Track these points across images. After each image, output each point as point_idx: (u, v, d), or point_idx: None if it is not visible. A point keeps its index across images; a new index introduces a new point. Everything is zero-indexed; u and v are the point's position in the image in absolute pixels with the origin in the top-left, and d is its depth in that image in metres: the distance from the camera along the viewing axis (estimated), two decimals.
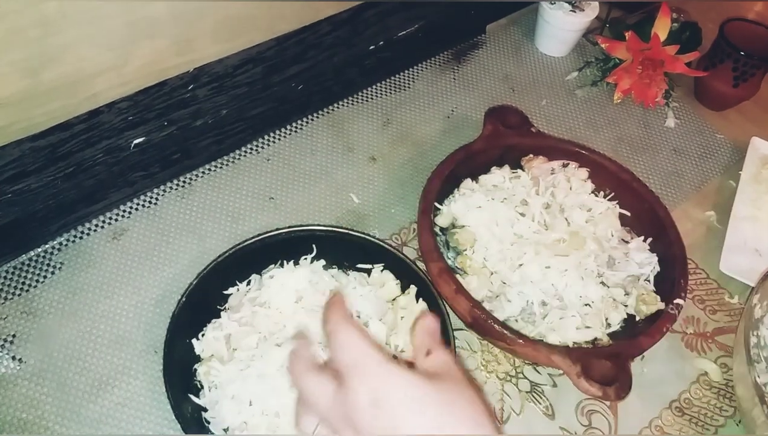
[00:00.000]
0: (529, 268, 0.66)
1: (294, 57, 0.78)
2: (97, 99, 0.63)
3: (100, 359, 0.62)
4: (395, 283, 0.66)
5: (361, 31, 0.84)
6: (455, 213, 0.70)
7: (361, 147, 0.83)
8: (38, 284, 0.66)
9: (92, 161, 0.68)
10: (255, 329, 0.60)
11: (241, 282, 0.64)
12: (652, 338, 0.61)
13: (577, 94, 0.95)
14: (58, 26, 0.55)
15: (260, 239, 0.64)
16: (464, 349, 0.67)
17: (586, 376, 0.56)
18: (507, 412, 0.63)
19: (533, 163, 0.76)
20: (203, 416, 0.56)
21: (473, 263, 0.68)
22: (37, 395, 0.59)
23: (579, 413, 0.64)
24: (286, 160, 0.81)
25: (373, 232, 0.74)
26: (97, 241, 0.70)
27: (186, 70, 0.68)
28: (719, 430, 0.65)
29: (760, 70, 0.88)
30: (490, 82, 0.94)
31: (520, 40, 1.01)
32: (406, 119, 0.87)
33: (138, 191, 0.74)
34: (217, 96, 0.74)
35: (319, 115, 0.86)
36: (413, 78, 0.92)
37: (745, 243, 0.78)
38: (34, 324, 0.63)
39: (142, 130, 0.70)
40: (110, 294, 0.67)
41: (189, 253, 0.71)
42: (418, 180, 0.79)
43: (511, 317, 0.64)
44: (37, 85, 0.57)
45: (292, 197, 0.77)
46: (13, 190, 0.63)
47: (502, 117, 0.77)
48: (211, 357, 0.59)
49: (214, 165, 0.79)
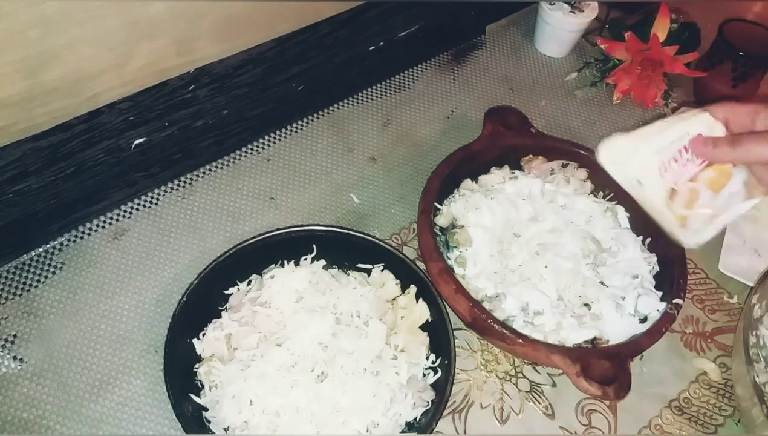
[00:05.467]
0: (528, 268, 0.66)
1: (294, 57, 0.78)
2: (97, 99, 0.63)
3: (101, 359, 0.62)
4: (395, 283, 0.66)
5: (362, 31, 0.84)
6: (455, 213, 0.71)
7: (361, 147, 0.84)
8: (39, 284, 0.66)
9: (93, 161, 0.68)
10: (255, 328, 0.60)
11: (242, 282, 0.65)
12: (651, 337, 0.61)
13: (576, 95, 0.95)
14: (58, 26, 0.55)
15: (261, 239, 0.64)
16: (464, 349, 0.67)
17: (586, 375, 0.56)
18: (507, 411, 0.63)
19: (533, 164, 0.76)
20: (204, 416, 0.57)
21: (473, 263, 0.68)
22: (38, 394, 0.60)
23: (579, 413, 0.64)
24: (287, 160, 0.81)
25: (373, 232, 0.75)
26: (98, 241, 0.70)
27: (187, 70, 0.68)
28: (718, 429, 0.65)
29: (759, 70, 0.88)
30: (490, 82, 0.94)
31: (519, 41, 1.01)
32: (406, 119, 0.88)
33: (139, 191, 0.74)
34: (218, 96, 0.74)
35: (319, 116, 0.86)
36: (413, 78, 0.93)
37: (744, 243, 0.78)
38: (34, 324, 0.64)
39: (142, 131, 0.70)
40: (111, 294, 0.67)
41: (190, 253, 0.71)
42: (418, 180, 0.79)
43: (510, 316, 0.64)
44: (37, 86, 0.57)
45: (292, 197, 0.77)
46: (14, 190, 0.63)
47: (502, 117, 0.77)
48: (212, 357, 0.59)
49: (214, 165, 0.79)
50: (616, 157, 0.51)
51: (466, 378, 0.65)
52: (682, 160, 0.51)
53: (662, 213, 0.53)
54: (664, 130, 0.51)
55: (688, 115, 0.52)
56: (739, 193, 0.53)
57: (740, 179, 0.53)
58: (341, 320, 0.61)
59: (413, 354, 0.61)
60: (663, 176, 0.51)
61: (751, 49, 0.86)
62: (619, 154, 0.51)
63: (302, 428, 0.55)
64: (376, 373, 0.59)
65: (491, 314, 0.61)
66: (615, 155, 0.51)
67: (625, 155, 0.51)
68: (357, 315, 0.62)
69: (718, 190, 0.53)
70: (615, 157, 0.51)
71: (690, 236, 0.54)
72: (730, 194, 0.53)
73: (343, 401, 0.57)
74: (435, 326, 0.63)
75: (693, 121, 0.51)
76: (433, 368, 0.61)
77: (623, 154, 0.51)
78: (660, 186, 0.52)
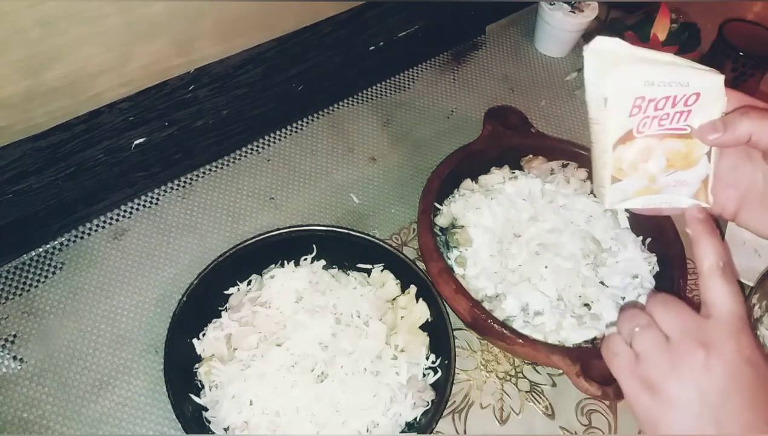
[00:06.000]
0: (528, 268, 0.66)
1: (294, 57, 0.78)
2: (97, 99, 0.63)
3: (101, 359, 0.62)
4: (395, 283, 0.66)
5: (362, 31, 0.84)
6: (455, 213, 0.71)
7: (361, 147, 0.84)
8: (39, 284, 0.66)
9: (93, 161, 0.68)
10: (255, 328, 0.60)
11: (242, 282, 0.65)
12: None
13: (576, 95, 0.95)
14: (58, 26, 0.55)
15: (261, 238, 0.64)
16: (464, 349, 0.67)
17: (586, 375, 0.56)
18: (507, 411, 0.63)
19: (533, 164, 0.76)
20: (204, 416, 0.57)
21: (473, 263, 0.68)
22: (38, 394, 0.60)
23: (579, 413, 0.64)
24: (287, 160, 0.81)
25: (373, 232, 0.75)
26: (98, 241, 0.70)
27: (186, 70, 0.68)
28: None
29: (759, 70, 0.88)
30: (490, 82, 0.94)
31: (519, 41, 1.01)
32: (406, 119, 0.88)
33: (139, 191, 0.74)
34: (218, 96, 0.74)
35: (319, 116, 0.86)
36: (413, 78, 0.93)
37: (744, 243, 0.78)
38: (35, 324, 0.64)
39: (142, 131, 0.70)
40: (111, 294, 0.67)
41: (189, 253, 0.71)
42: (418, 180, 0.79)
43: (510, 316, 0.64)
44: (37, 86, 0.57)
45: (292, 197, 0.77)
46: (14, 190, 0.63)
47: (502, 117, 0.77)
48: (212, 357, 0.59)
49: (214, 165, 0.79)
50: (602, 61, 0.42)
51: (466, 378, 0.65)
52: (662, 109, 0.42)
53: (604, 152, 0.44)
54: (667, 64, 0.42)
55: (701, 69, 0.42)
56: (690, 186, 0.45)
57: (702, 174, 0.44)
58: (341, 320, 0.61)
59: (413, 354, 0.61)
60: (631, 113, 0.42)
61: (751, 49, 0.86)
62: (607, 59, 0.42)
63: (302, 428, 0.55)
64: (376, 373, 0.59)
65: (491, 314, 0.61)
66: (602, 59, 0.42)
67: (612, 64, 0.41)
68: (357, 315, 0.62)
69: (672, 167, 0.44)
70: (601, 60, 0.42)
71: (611, 195, 0.45)
72: (680, 182, 0.45)
73: (343, 401, 0.57)
74: (435, 326, 0.63)
75: (701, 77, 0.42)
76: (433, 368, 0.61)
77: (611, 61, 0.41)
78: (622, 121, 0.43)
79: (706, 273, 0.40)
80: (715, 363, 0.38)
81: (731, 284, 0.40)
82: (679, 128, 0.43)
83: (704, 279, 0.40)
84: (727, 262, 0.41)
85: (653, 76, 0.41)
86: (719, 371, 0.38)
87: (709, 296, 0.40)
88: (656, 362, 0.40)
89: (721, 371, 0.38)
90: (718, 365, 0.38)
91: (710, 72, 0.42)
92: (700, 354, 0.38)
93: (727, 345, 0.38)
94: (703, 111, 0.42)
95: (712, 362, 0.38)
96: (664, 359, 0.39)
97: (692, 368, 0.38)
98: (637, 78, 0.41)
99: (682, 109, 0.42)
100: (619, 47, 0.41)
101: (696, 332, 0.39)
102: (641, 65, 0.41)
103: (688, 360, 0.39)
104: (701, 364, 0.38)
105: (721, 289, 0.40)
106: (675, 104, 0.42)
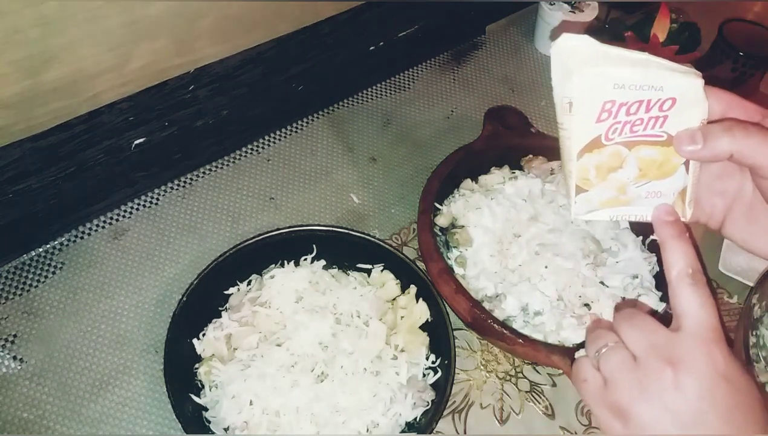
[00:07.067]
0: (528, 268, 0.66)
1: (294, 57, 0.78)
2: (97, 99, 0.63)
3: (101, 359, 0.62)
4: (395, 283, 0.66)
5: (362, 31, 0.84)
6: (455, 213, 0.71)
7: (361, 147, 0.84)
8: (39, 284, 0.66)
9: (93, 161, 0.68)
10: (255, 328, 0.60)
11: (242, 282, 0.65)
12: None
13: None
14: (58, 26, 0.55)
15: (261, 238, 0.64)
16: (464, 349, 0.67)
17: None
18: (507, 412, 0.63)
19: (533, 164, 0.76)
20: (204, 416, 0.57)
21: (473, 263, 0.68)
22: (38, 394, 0.60)
23: (579, 413, 0.64)
24: (287, 160, 0.81)
25: (373, 232, 0.75)
26: (98, 241, 0.70)
27: (186, 70, 0.68)
28: None
29: (759, 70, 0.88)
30: (490, 82, 0.94)
31: (519, 41, 1.01)
32: (406, 119, 0.88)
33: (139, 191, 0.74)
34: (218, 96, 0.74)
35: (319, 116, 0.86)
36: (413, 78, 0.93)
37: None
38: (34, 324, 0.64)
39: (142, 131, 0.70)
40: (111, 294, 0.67)
41: (190, 253, 0.71)
42: (418, 180, 0.79)
43: (510, 316, 0.64)
44: (37, 86, 0.57)
45: (292, 197, 0.77)
46: (14, 190, 0.63)
47: (502, 117, 0.77)
48: (212, 357, 0.59)
49: (214, 165, 0.79)
50: (568, 61, 0.37)
51: (466, 378, 0.65)
52: (635, 114, 0.38)
53: (569, 161, 0.41)
54: (640, 65, 0.37)
55: (679, 70, 0.37)
56: (664, 197, 0.41)
57: (678, 185, 0.40)
58: (341, 320, 0.61)
59: (413, 354, 0.61)
60: (599, 118, 0.38)
61: (751, 49, 0.86)
62: (573, 59, 0.37)
63: (302, 428, 0.55)
64: (376, 373, 0.59)
65: (491, 314, 0.61)
66: (568, 58, 0.37)
67: (578, 64, 0.37)
68: (357, 315, 0.62)
69: (646, 177, 0.40)
70: (567, 60, 0.37)
71: (577, 206, 0.42)
72: (653, 193, 0.41)
73: (343, 401, 0.57)
74: (435, 326, 0.63)
75: (677, 80, 0.37)
76: (433, 368, 0.61)
77: (577, 61, 0.37)
78: (589, 126, 0.39)
79: (675, 281, 0.38)
80: (685, 380, 0.35)
81: (701, 292, 0.37)
82: (654, 135, 0.39)
83: (672, 288, 0.38)
84: (697, 268, 0.38)
85: (624, 79, 0.37)
86: (691, 390, 0.35)
87: (678, 307, 0.37)
88: (624, 386, 0.37)
89: (692, 389, 0.35)
90: (688, 382, 0.35)
91: (688, 74, 0.37)
92: (668, 373, 0.36)
93: (698, 360, 0.36)
94: (681, 117, 0.38)
95: (682, 380, 0.35)
96: (632, 382, 0.37)
97: (661, 389, 0.36)
98: (605, 80, 0.37)
99: (657, 114, 0.38)
100: (587, 45, 0.37)
101: (664, 348, 0.37)
102: (611, 66, 0.37)
103: (657, 380, 0.36)
104: (671, 383, 0.36)
105: (690, 298, 0.37)
106: (649, 109, 0.38)
